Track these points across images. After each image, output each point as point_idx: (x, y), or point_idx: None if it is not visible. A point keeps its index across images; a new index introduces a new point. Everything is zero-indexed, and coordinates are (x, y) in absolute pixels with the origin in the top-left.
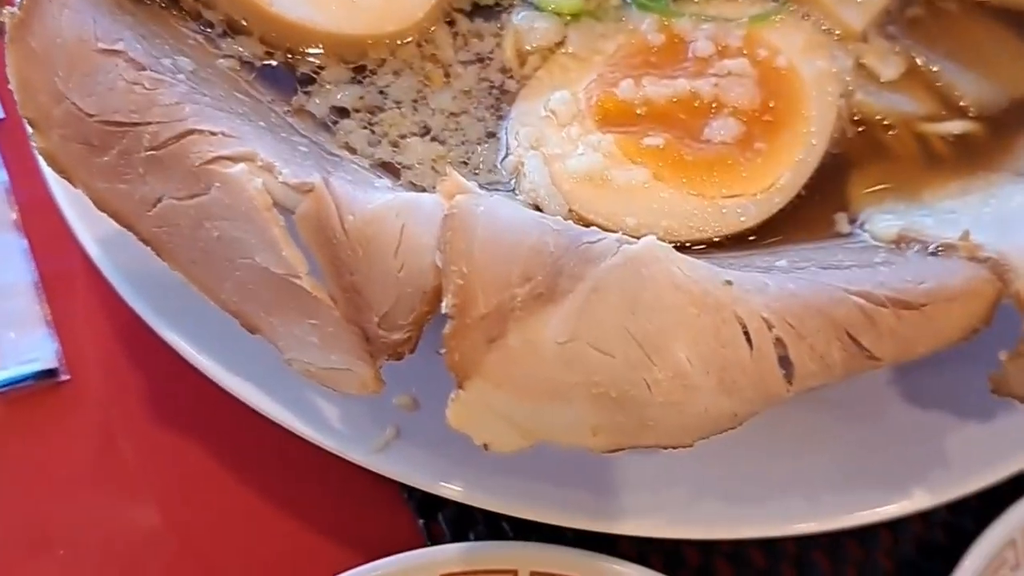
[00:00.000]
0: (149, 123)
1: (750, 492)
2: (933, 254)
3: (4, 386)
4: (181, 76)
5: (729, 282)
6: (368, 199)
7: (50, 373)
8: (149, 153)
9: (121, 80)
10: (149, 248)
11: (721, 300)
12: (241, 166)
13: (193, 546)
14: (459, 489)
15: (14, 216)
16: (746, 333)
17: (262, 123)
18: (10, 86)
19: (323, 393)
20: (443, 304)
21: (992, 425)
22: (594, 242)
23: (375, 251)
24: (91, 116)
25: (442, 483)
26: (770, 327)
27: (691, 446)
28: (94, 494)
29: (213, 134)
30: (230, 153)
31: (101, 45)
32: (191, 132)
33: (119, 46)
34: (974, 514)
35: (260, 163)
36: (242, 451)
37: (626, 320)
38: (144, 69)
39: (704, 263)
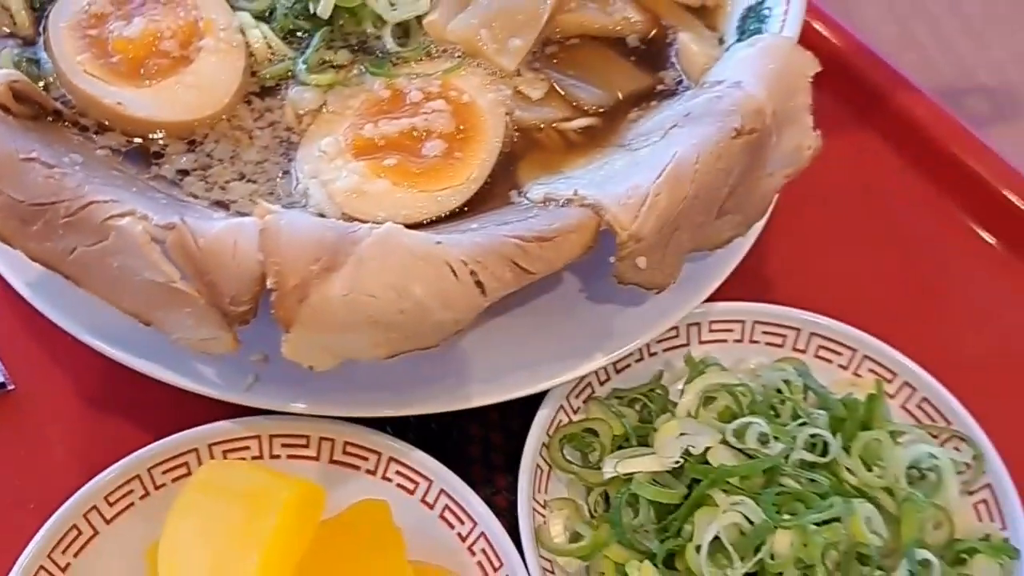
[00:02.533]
0: (63, 201)
1: (489, 374)
2: (562, 207)
3: None
4: (77, 167)
5: (439, 242)
6: (211, 226)
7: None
8: (65, 220)
9: (40, 177)
10: (69, 281)
11: (435, 253)
12: (128, 219)
13: None
14: (303, 406)
15: None
16: (453, 271)
17: (134, 188)
18: None
19: (202, 359)
20: (267, 283)
21: (637, 311)
22: (355, 231)
23: (221, 258)
24: (22, 201)
25: (291, 404)
26: (466, 264)
27: (437, 346)
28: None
29: (105, 202)
30: (119, 211)
31: (22, 156)
32: (91, 203)
33: (34, 154)
34: None
35: (139, 215)
36: (144, 409)
37: (381, 275)
38: (53, 167)
39: (423, 233)
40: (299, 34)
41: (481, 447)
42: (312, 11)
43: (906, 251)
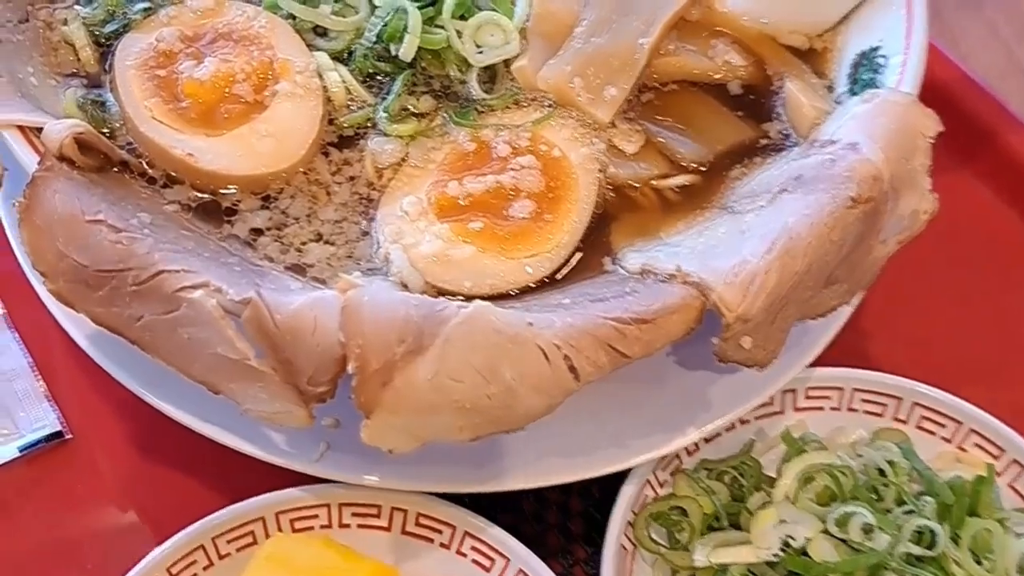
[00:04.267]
0: (131, 269)
1: (572, 449)
2: (663, 281)
3: (23, 450)
4: (146, 230)
5: (531, 323)
6: (289, 301)
7: (56, 435)
8: (133, 288)
9: (106, 240)
10: (134, 346)
11: (525, 335)
12: (201, 291)
13: None
14: (376, 479)
15: (2, 312)
16: (544, 355)
17: (206, 253)
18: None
19: (272, 428)
20: (348, 367)
21: (731, 379)
22: (442, 309)
23: (299, 337)
24: (87, 267)
25: (364, 477)
26: (559, 348)
27: (523, 429)
28: (103, 520)
29: (177, 272)
30: (191, 283)
31: (87, 217)
32: (162, 272)
33: (100, 215)
34: None
35: (212, 288)
36: (208, 469)
37: (469, 358)
38: (121, 231)
39: (514, 312)
40: (379, 77)
41: (559, 513)
42: (393, 53)
43: (1018, 309)
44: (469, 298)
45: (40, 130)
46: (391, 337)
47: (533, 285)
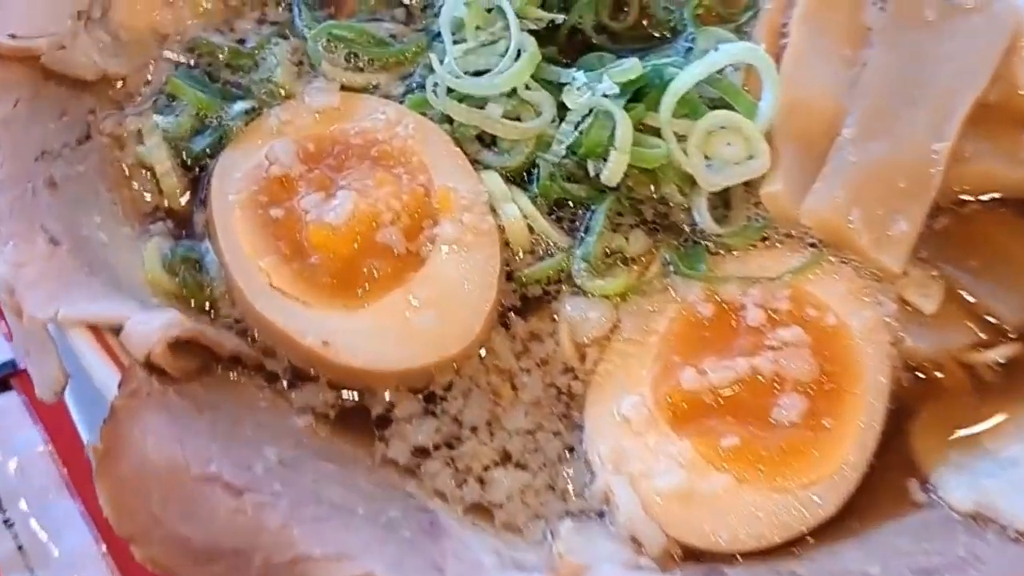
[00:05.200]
0: (258, 549)
1: None
2: (1014, 540)
3: None
4: (276, 484)
5: None
6: None
7: None
8: (260, 572)
9: (222, 508)
10: None
11: None
12: None
13: None
14: None
15: (64, 478)
16: None
17: (360, 509)
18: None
19: None
20: None
21: None
22: None
23: None
24: (194, 539)
25: None
26: None
27: None
28: None
29: (324, 559)
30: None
31: (195, 471)
32: (303, 559)
33: (212, 469)
34: None
35: None
36: None
37: None
38: (241, 492)
39: None
40: (569, 204)
41: None
42: (592, 172)
43: None
44: (727, 557)
45: (118, 329)
46: None
47: (809, 535)
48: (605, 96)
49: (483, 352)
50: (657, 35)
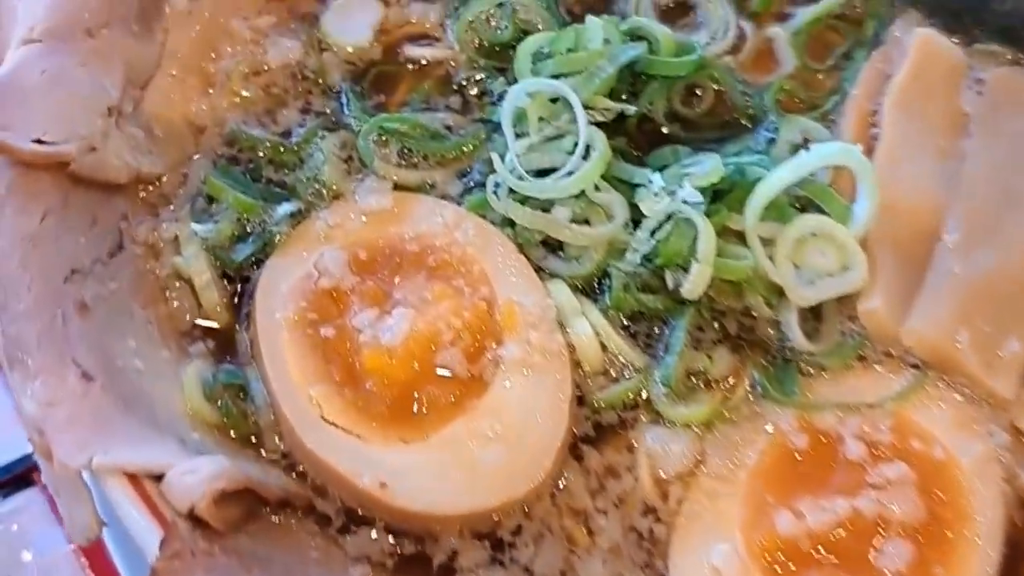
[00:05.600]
0: None
1: None
2: None
3: None
4: None
5: None
6: None
7: None
8: None
9: None
10: None
11: None
12: None
13: None
14: None
15: None
16: None
17: None
18: None
19: None
20: None
21: None
22: None
23: None
24: None
25: None
26: None
27: None
28: None
29: None
30: None
31: None
32: None
33: None
34: None
35: None
36: None
37: None
38: None
39: None
40: (643, 316)
41: None
42: (671, 284)
43: None
44: None
45: (158, 476)
46: None
47: None
48: (685, 202)
49: (558, 486)
50: (732, 120)
